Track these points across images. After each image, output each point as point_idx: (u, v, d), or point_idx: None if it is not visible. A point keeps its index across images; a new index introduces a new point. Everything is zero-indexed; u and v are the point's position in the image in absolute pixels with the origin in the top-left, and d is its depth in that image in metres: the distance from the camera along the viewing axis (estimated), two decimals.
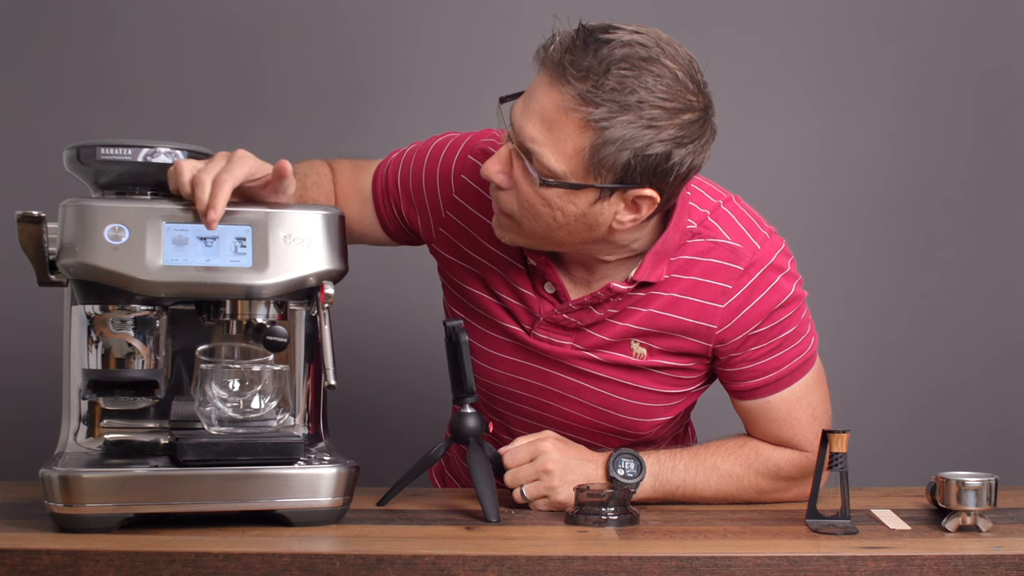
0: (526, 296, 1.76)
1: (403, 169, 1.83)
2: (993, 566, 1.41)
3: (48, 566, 1.36)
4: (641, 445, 1.80)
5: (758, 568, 1.39)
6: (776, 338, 1.73)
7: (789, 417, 1.77)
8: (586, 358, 1.76)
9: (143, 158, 1.57)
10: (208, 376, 1.57)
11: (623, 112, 1.51)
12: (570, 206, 1.58)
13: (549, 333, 1.76)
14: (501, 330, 1.79)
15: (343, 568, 1.37)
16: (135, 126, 2.50)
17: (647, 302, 1.71)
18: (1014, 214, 2.66)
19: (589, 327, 1.74)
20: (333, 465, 1.54)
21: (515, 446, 1.70)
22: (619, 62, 1.51)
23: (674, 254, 1.70)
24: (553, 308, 1.74)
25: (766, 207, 1.87)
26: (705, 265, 1.70)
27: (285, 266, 1.55)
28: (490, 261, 1.77)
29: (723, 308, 1.70)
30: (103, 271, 1.49)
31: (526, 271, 1.75)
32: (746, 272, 1.70)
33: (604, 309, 1.72)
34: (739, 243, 1.71)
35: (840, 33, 2.64)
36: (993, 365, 2.66)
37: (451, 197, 1.78)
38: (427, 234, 1.83)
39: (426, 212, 1.81)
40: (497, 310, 1.79)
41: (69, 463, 1.50)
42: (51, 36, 2.56)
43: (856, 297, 2.65)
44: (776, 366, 1.75)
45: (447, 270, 1.84)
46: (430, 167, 1.80)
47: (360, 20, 2.59)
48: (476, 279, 1.80)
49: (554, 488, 1.67)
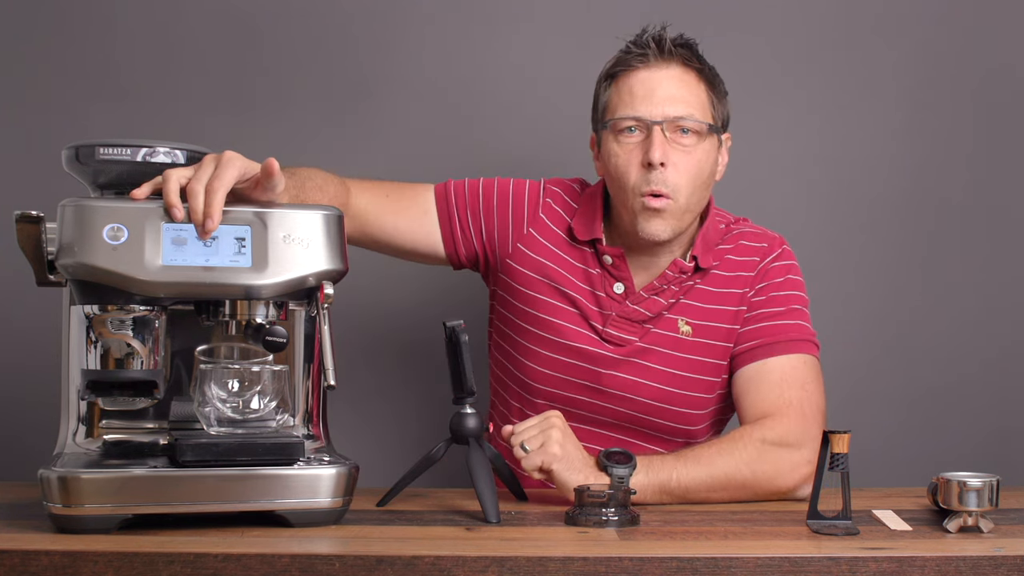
0: (600, 298, 1.99)
1: (485, 188, 2.06)
2: (995, 567, 1.40)
3: (47, 567, 1.36)
4: None
5: (759, 569, 1.39)
6: (779, 307, 1.97)
7: (781, 382, 1.91)
8: (642, 349, 1.97)
9: (142, 158, 1.57)
10: (207, 376, 1.57)
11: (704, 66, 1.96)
12: (712, 154, 1.96)
13: (619, 328, 1.98)
14: (572, 337, 1.99)
15: (343, 569, 1.37)
16: (134, 126, 2.50)
17: (697, 284, 1.99)
18: (1014, 214, 2.66)
19: (653, 319, 1.98)
20: (333, 465, 1.54)
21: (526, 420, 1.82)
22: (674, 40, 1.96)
23: (715, 248, 2.00)
24: (623, 303, 1.98)
25: (766, 207, 1.89)
26: (739, 248, 2.02)
27: (284, 266, 1.55)
28: (566, 269, 2.01)
29: (754, 275, 2.00)
30: (102, 271, 1.49)
31: (599, 275, 1.99)
32: (769, 247, 2.03)
33: (667, 296, 1.98)
34: (759, 231, 2.06)
35: (840, 33, 2.64)
36: (993, 365, 2.66)
37: (537, 215, 2.04)
38: (503, 249, 2.04)
39: (507, 227, 2.04)
40: (572, 317, 2.00)
41: (68, 464, 1.49)
42: (51, 36, 2.56)
43: (856, 297, 2.64)
44: (777, 331, 1.95)
45: (521, 285, 2.02)
46: (517, 189, 2.07)
47: (363, 19, 2.59)
48: (553, 290, 2.01)
49: (550, 438, 1.75)
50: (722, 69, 2.01)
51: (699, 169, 1.94)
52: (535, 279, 2.02)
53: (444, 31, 2.60)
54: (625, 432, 2.01)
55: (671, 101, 1.92)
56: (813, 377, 1.93)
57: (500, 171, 2.14)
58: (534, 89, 2.58)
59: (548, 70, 2.58)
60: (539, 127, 2.57)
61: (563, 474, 1.72)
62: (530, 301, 2.02)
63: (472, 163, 2.46)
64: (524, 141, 2.57)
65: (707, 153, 1.95)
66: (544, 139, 2.57)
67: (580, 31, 2.57)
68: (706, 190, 1.98)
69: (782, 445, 1.83)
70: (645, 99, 1.93)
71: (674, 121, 1.92)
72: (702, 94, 1.95)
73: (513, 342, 2.05)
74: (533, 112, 2.58)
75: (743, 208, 2.14)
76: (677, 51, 1.95)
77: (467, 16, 2.61)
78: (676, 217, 1.94)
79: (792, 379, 1.91)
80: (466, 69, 2.61)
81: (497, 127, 2.60)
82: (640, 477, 1.75)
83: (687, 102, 1.93)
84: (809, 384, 1.91)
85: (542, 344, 2.01)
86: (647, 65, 1.94)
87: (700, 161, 1.93)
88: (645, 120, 1.92)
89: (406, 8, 2.60)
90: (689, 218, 1.96)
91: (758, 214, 2.12)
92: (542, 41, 2.59)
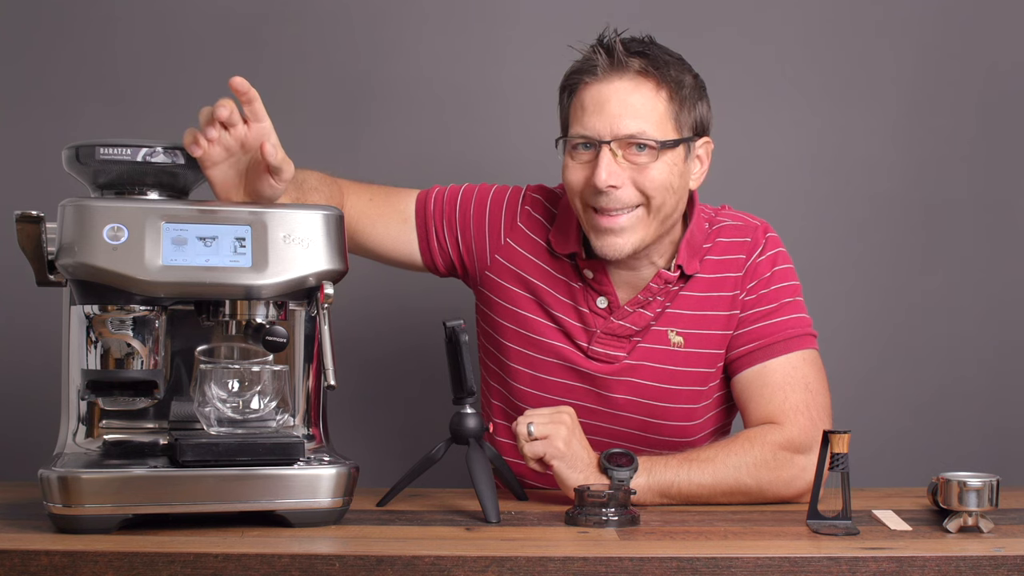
0: (583, 314, 1.91)
1: (463, 197, 1.98)
2: (995, 567, 1.40)
3: (47, 567, 1.36)
4: None
5: (759, 569, 1.39)
6: (773, 303, 1.90)
7: (784, 384, 1.86)
8: (633, 366, 1.90)
9: (142, 158, 1.57)
10: (207, 376, 1.57)
11: (669, 72, 1.82)
12: (675, 167, 1.83)
13: (606, 345, 1.91)
14: (556, 354, 1.92)
15: (343, 569, 1.37)
16: (134, 126, 2.50)
17: (682, 292, 1.90)
18: (1014, 214, 2.66)
19: (640, 332, 1.90)
20: (333, 465, 1.54)
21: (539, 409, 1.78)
22: (636, 45, 1.83)
23: (700, 250, 1.90)
24: (608, 319, 1.90)
25: (766, 207, 1.89)
26: (719, 246, 1.92)
27: (284, 266, 1.55)
28: (547, 284, 1.93)
29: (742, 275, 1.91)
30: (102, 271, 1.49)
31: (581, 288, 1.91)
32: (753, 241, 1.93)
33: (653, 308, 1.89)
34: (739, 222, 1.95)
35: (840, 33, 2.64)
36: (993, 365, 2.66)
37: (515, 224, 1.96)
38: (482, 261, 1.97)
39: (484, 239, 1.96)
40: (553, 333, 1.92)
41: (68, 464, 1.49)
42: (51, 36, 2.56)
43: (856, 297, 2.64)
44: (773, 330, 1.89)
45: (500, 298, 1.95)
46: (496, 198, 1.98)
47: (362, 20, 2.59)
48: (533, 304, 1.94)
49: (558, 432, 1.72)
50: (722, 69, 1.98)
51: (658, 184, 1.81)
52: (516, 292, 1.95)
53: (443, 32, 2.60)
54: (620, 442, 1.92)
55: (621, 117, 1.79)
56: (815, 374, 1.88)
57: (498, 173, 2.13)
58: (534, 91, 2.58)
59: (548, 71, 2.58)
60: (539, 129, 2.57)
61: (564, 472, 1.72)
62: (511, 316, 1.95)
63: (471, 164, 2.46)
64: (522, 143, 2.57)
65: (668, 166, 1.82)
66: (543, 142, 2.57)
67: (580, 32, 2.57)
68: (676, 200, 1.85)
69: (789, 450, 1.81)
70: (594, 115, 1.81)
71: (625, 139, 1.80)
72: (660, 105, 1.81)
73: (496, 359, 2.00)
74: (532, 114, 2.58)
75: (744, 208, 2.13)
76: (630, 60, 1.80)
77: (467, 17, 2.61)
78: (639, 230, 1.83)
79: (794, 380, 1.87)
80: (465, 71, 2.61)
81: (497, 129, 2.60)
82: (641, 480, 1.74)
83: (640, 116, 1.80)
84: (812, 383, 1.87)
85: (525, 361, 1.95)
86: (597, 78, 1.81)
87: (658, 176, 1.81)
88: (594, 139, 1.80)
89: (406, 9, 2.60)
90: (658, 227, 1.85)
91: (758, 214, 2.11)
92: (542, 42, 2.58)
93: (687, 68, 1.86)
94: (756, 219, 1.97)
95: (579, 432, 1.76)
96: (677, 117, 1.82)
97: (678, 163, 1.83)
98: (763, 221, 1.96)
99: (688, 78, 1.84)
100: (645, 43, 1.85)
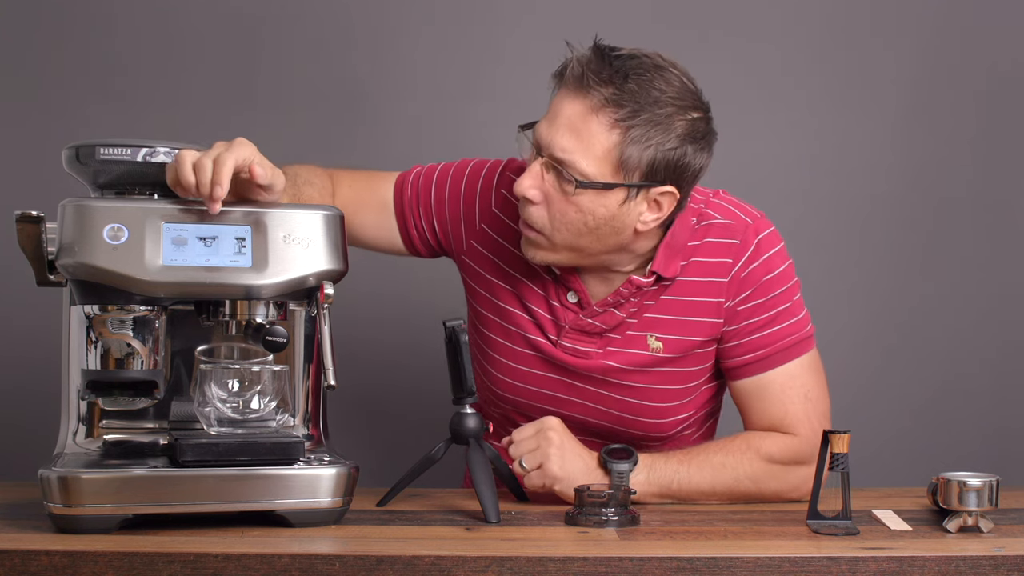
0: (553, 307, 1.84)
1: (438, 180, 1.90)
2: (995, 567, 1.40)
3: (47, 567, 1.35)
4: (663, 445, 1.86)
5: (759, 569, 1.39)
6: (768, 313, 1.81)
7: (782, 395, 1.82)
8: (608, 367, 1.83)
9: (142, 158, 1.57)
10: (207, 376, 1.57)
11: (643, 110, 1.66)
12: (601, 208, 1.69)
13: (575, 341, 1.84)
14: (529, 344, 1.87)
15: (343, 569, 1.37)
16: (134, 126, 2.50)
17: (662, 294, 1.81)
18: (1014, 214, 2.66)
19: (613, 330, 1.82)
20: (333, 465, 1.54)
21: (523, 427, 1.76)
22: (635, 69, 1.67)
23: (684, 249, 1.79)
24: (578, 315, 1.83)
25: (766, 207, 1.87)
26: (705, 247, 1.81)
27: (285, 266, 1.55)
28: (520, 273, 1.85)
29: (727, 281, 1.80)
30: (102, 271, 1.49)
31: (552, 281, 1.83)
32: (742, 244, 1.80)
33: (626, 309, 1.81)
34: (730, 220, 1.82)
35: (840, 33, 2.64)
36: (993, 364, 2.66)
37: (489, 209, 1.87)
38: (458, 246, 1.89)
39: (459, 224, 1.88)
40: (526, 324, 1.86)
41: (68, 464, 1.49)
42: (51, 36, 2.56)
43: (856, 297, 2.64)
44: (769, 341, 1.81)
45: (476, 284, 1.90)
46: (471, 180, 1.89)
47: (362, 20, 2.59)
48: (507, 292, 1.87)
49: (549, 456, 1.71)
50: (722, 69, 1.98)
51: (573, 220, 1.69)
52: (491, 280, 1.88)
53: (443, 33, 2.61)
54: (599, 437, 1.88)
55: (560, 138, 1.67)
56: (814, 380, 1.83)
57: None
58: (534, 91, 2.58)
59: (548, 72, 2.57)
60: None
61: (567, 492, 1.70)
62: (488, 305, 1.89)
63: None
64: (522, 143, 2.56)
65: (593, 205, 1.68)
66: None
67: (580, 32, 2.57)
68: (597, 241, 1.72)
69: (790, 463, 1.80)
70: (545, 122, 1.71)
71: (552, 160, 1.69)
72: (608, 142, 1.65)
73: (479, 346, 1.94)
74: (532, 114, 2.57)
75: None
76: (600, 86, 1.65)
77: (466, 18, 2.61)
78: (550, 255, 1.75)
79: (794, 390, 1.82)
80: (464, 70, 2.61)
81: (497, 128, 2.59)
82: (641, 477, 1.74)
83: (575, 147, 1.66)
84: (812, 391, 1.82)
85: (503, 351, 1.89)
86: (567, 88, 1.69)
87: (577, 213, 1.69)
88: (535, 144, 1.72)
89: (405, 10, 2.60)
90: (583, 258, 1.75)
91: None
92: (542, 43, 2.58)
93: (687, 108, 1.69)
94: (750, 213, 1.84)
95: (570, 441, 1.74)
96: (623, 159, 1.66)
97: (609, 206, 1.69)
98: (758, 215, 1.84)
99: (678, 122, 1.67)
100: (643, 68, 1.67)
